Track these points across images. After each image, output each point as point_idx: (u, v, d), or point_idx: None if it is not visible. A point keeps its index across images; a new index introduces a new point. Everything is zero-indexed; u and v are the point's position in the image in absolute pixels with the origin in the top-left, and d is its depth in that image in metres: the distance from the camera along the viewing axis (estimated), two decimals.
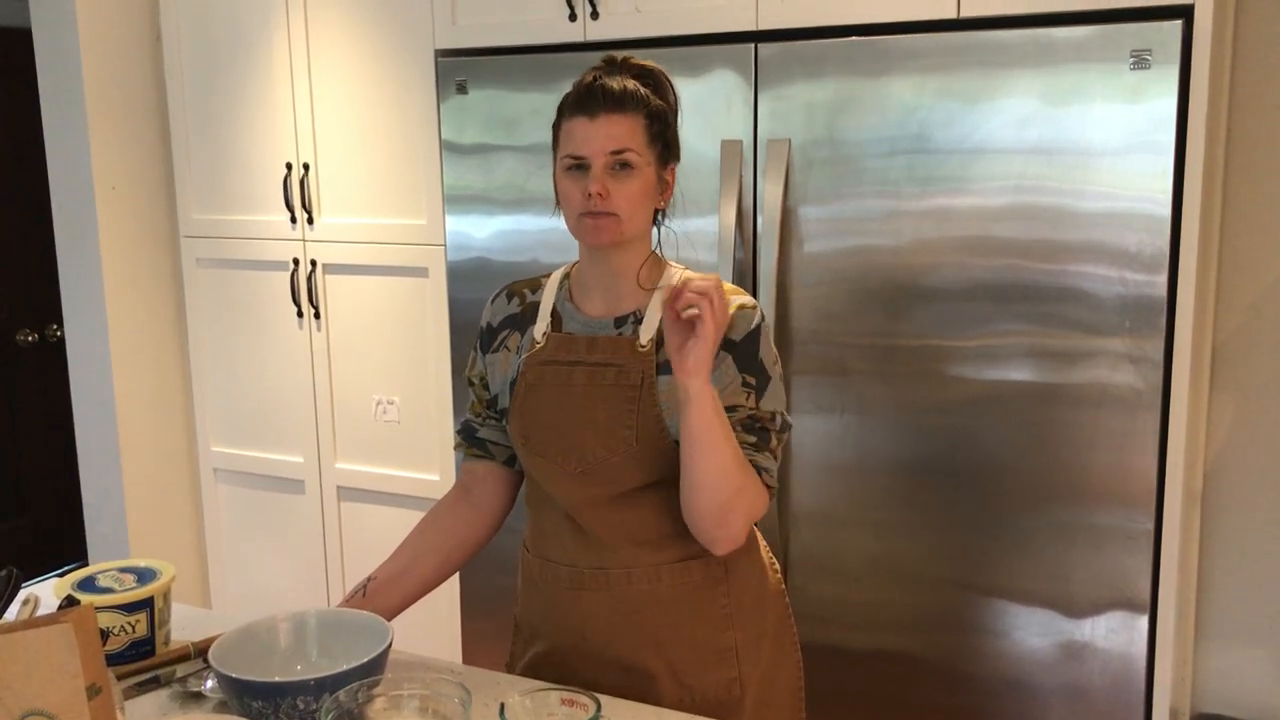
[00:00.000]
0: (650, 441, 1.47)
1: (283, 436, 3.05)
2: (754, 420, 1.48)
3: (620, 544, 1.52)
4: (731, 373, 1.48)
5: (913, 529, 2.34)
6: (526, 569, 1.64)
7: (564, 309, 1.58)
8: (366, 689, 1.34)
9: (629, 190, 1.46)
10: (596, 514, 1.52)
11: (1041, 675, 2.27)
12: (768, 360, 1.50)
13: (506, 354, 1.60)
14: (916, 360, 2.26)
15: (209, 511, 3.24)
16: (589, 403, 1.50)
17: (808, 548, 2.44)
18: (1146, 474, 2.14)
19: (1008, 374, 2.19)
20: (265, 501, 3.12)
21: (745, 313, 1.50)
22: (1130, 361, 2.10)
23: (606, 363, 1.50)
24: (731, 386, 1.48)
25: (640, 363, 1.48)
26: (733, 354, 1.48)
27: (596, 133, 1.45)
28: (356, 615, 1.47)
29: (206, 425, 3.19)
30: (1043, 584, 2.24)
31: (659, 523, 1.51)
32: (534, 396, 1.54)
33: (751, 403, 1.48)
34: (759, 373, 1.49)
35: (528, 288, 1.63)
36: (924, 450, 2.31)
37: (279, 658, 1.44)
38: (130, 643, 1.54)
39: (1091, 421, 2.15)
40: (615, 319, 1.53)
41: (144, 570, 1.60)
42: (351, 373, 2.91)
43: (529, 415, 1.54)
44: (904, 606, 2.38)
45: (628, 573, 1.52)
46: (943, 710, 2.37)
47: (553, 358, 1.54)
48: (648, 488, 1.50)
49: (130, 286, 3.11)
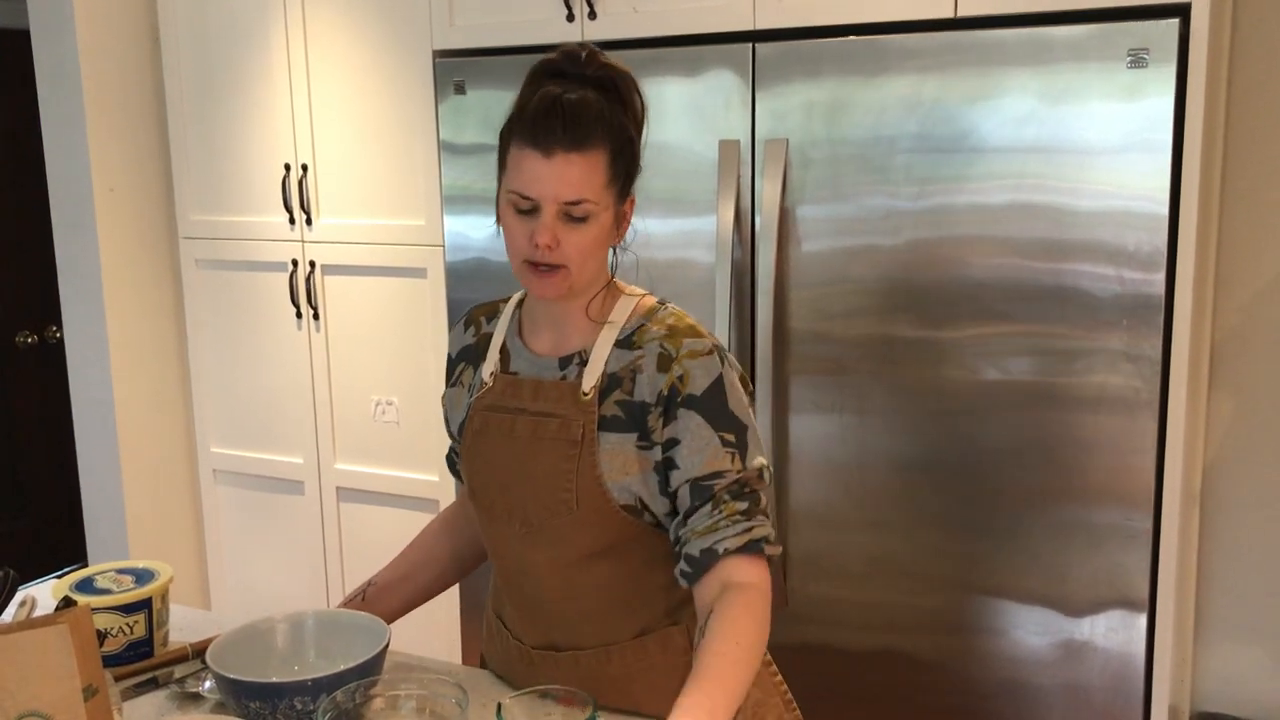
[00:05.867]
0: (591, 505, 1.34)
1: (282, 437, 3.05)
2: (741, 484, 1.32)
3: (569, 615, 1.40)
4: (704, 433, 1.31)
5: (911, 529, 2.34)
6: (487, 616, 1.56)
7: (513, 344, 1.44)
8: (364, 689, 1.34)
9: (581, 241, 1.29)
10: (543, 579, 1.40)
11: (1040, 674, 2.27)
12: (739, 409, 1.33)
13: (460, 390, 1.50)
14: (915, 360, 2.26)
15: (208, 512, 3.24)
16: (531, 458, 1.36)
17: (806, 548, 2.44)
18: (1145, 473, 2.13)
19: (1006, 373, 2.19)
20: (265, 502, 3.13)
21: (700, 361, 1.32)
22: (1128, 360, 2.09)
23: (549, 413, 1.36)
24: (709, 450, 1.30)
25: (582, 415, 1.34)
26: (699, 411, 1.31)
27: (550, 175, 1.26)
28: (355, 616, 1.47)
29: (206, 426, 3.19)
30: (1041, 583, 2.24)
31: (611, 594, 1.39)
32: (479, 446, 1.42)
33: (737, 464, 1.31)
34: (735, 426, 1.32)
35: (485, 314, 1.51)
36: (922, 450, 2.31)
37: (277, 658, 1.44)
38: (128, 644, 1.54)
39: (1090, 420, 2.15)
40: (560, 359, 1.39)
41: (142, 571, 1.61)
42: (350, 374, 2.91)
43: (474, 467, 1.43)
44: (903, 606, 2.37)
45: (574, 656, 1.41)
46: (942, 709, 2.37)
47: (498, 403, 1.41)
48: (597, 555, 1.37)
49: (129, 288, 3.11)
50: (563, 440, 1.35)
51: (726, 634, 1.23)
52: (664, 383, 1.32)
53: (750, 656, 1.22)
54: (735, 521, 1.30)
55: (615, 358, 1.36)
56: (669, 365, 1.33)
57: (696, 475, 1.31)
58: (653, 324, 1.37)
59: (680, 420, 1.32)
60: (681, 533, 1.32)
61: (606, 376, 1.36)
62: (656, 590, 1.41)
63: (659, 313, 1.39)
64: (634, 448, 1.33)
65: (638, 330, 1.37)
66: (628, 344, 1.36)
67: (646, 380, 1.33)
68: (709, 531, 1.30)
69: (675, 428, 1.32)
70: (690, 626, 1.40)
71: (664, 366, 1.33)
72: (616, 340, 1.37)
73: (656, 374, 1.33)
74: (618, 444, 1.33)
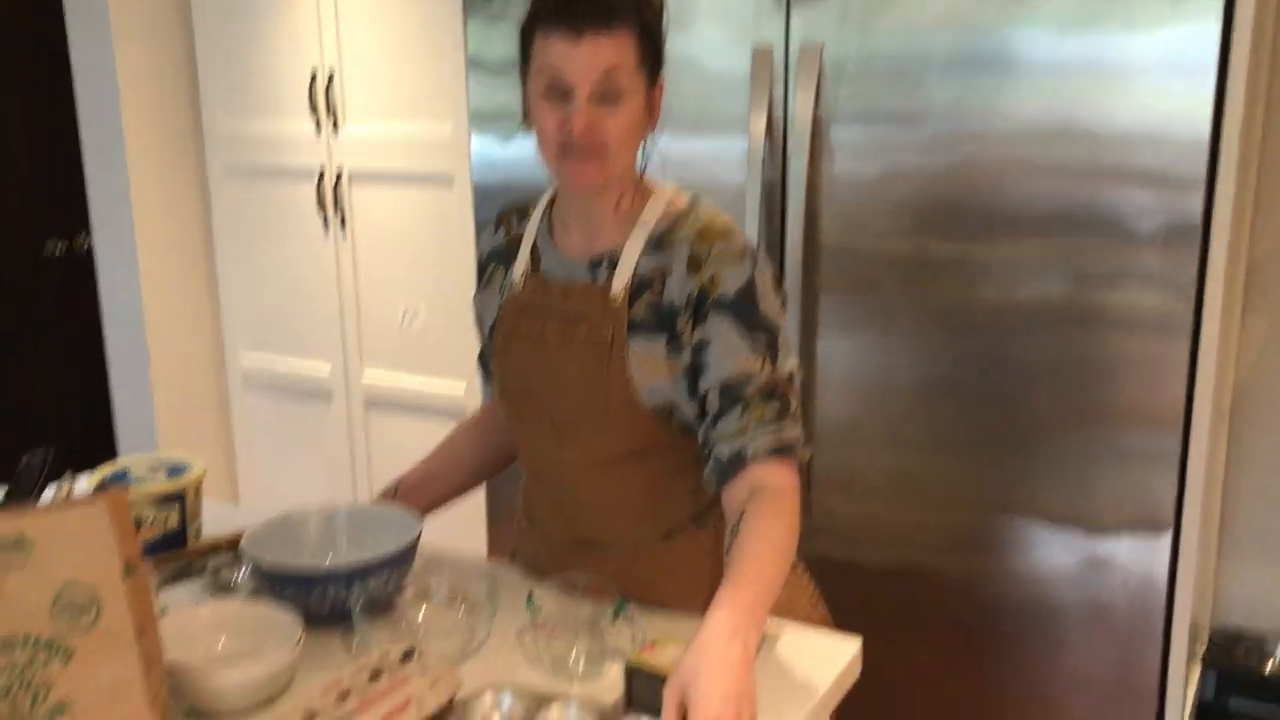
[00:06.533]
0: (620, 408, 1.34)
1: (310, 345, 3.07)
2: (772, 387, 1.30)
3: (597, 514, 1.42)
4: (735, 336, 1.29)
5: (937, 447, 2.34)
6: (518, 518, 1.58)
7: (543, 245, 1.43)
8: (396, 578, 1.36)
9: (617, 124, 1.28)
10: (572, 480, 1.42)
11: (1062, 592, 2.28)
12: (771, 312, 1.32)
13: (491, 292, 1.49)
14: (946, 278, 2.24)
15: (237, 421, 3.28)
16: (560, 361, 1.36)
17: (830, 465, 2.44)
18: (1175, 394, 2.12)
19: (1038, 293, 2.17)
20: (293, 411, 3.15)
21: (732, 263, 1.31)
22: (1163, 282, 2.07)
23: (579, 316, 1.35)
24: (740, 353, 1.29)
25: (611, 318, 1.33)
26: (729, 314, 1.30)
27: (582, 56, 1.24)
28: (386, 509, 1.49)
29: (234, 334, 3.21)
30: (1066, 503, 2.24)
31: (638, 496, 1.40)
32: (510, 348, 1.43)
33: (768, 368, 1.30)
34: (766, 329, 1.31)
35: (516, 214, 1.50)
36: (951, 369, 2.30)
37: (309, 549, 1.46)
38: (162, 535, 1.56)
39: (1121, 341, 2.13)
40: (590, 260, 1.38)
41: (175, 465, 1.62)
42: (378, 282, 2.92)
43: (505, 369, 1.44)
44: (925, 525, 2.39)
45: (602, 554, 1.43)
46: (961, 626, 2.39)
47: (528, 304, 1.41)
48: (625, 457, 1.38)
49: (157, 195, 3.11)
50: (592, 343, 1.34)
51: (759, 534, 1.23)
52: (694, 285, 1.31)
53: (782, 557, 1.23)
54: (765, 425, 1.29)
55: (645, 260, 1.35)
56: (699, 267, 1.31)
57: (726, 378, 1.30)
58: (684, 225, 1.35)
59: (710, 323, 1.30)
60: (710, 436, 1.31)
61: (636, 279, 1.34)
62: (684, 493, 1.42)
63: (691, 214, 1.37)
64: (663, 351, 1.33)
65: (668, 231, 1.35)
66: (658, 246, 1.35)
67: (676, 282, 1.32)
68: (738, 434, 1.29)
69: (705, 330, 1.31)
70: (718, 529, 1.40)
71: (694, 268, 1.32)
72: (646, 242, 1.35)
73: (687, 276, 1.32)
74: (647, 347, 1.33)
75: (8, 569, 0.98)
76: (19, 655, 0.98)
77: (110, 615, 1.00)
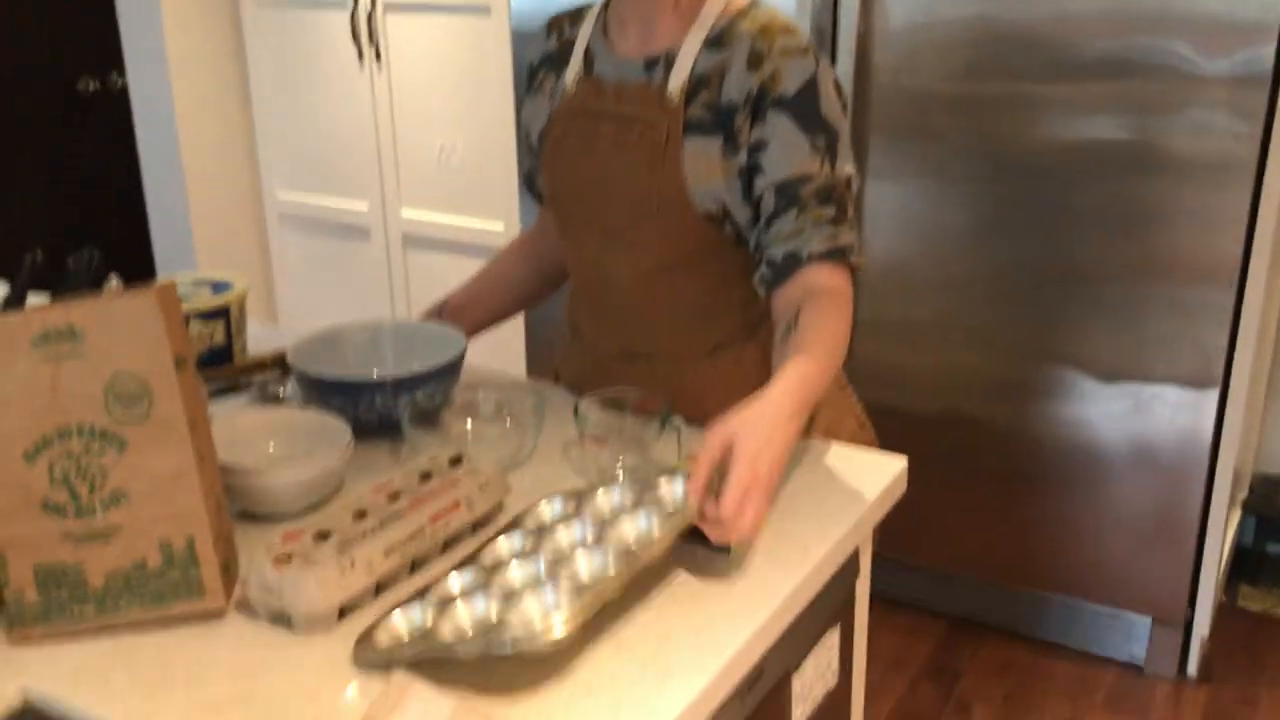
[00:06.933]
0: (673, 211, 1.31)
1: (347, 183, 3.04)
2: (829, 190, 1.27)
3: (645, 323, 1.40)
4: (795, 136, 1.25)
5: (987, 293, 2.30)
6: (562, 334, 1.57)
7: (597, 47, 1.39)
8: (443, 391, 1.36)
9: None
10: (620, 288, 1.39)
11: (1106, 439, 2.27)
12: (832, 113, 1.27)
13: (541, 98, 1.45)
14: (1001, 120, 2.17)
15: (276, 259, 3.28)
16: (612, 164, 1.33)
17: (877, 311, 2.41)
18: (1233, 247, 2.07)
19: (1097, 136, 2.10)
20: (331, 249, 3.14)
21: (794, 59, 1.26)
22: (1227, 130, 2.00)
23: (633, 117, 1.32)
24: (799, 153, 1.26)
25: (667, 118, 1.29)
26: (789, 112, 1.25)
27: None
28: (431, 326, 1.48)
29: (271, 172, 3.18)
30: (1115, 352, 2.21)
31: (687, 305, 1.37)
32: (561, 153, 1.39)
33: (826, 169, 1.26)
34: (827, 130, 1.26)
35: (568, 20, 1.45)
36: (1003, 213, 2.24)
37: (355, 362, 1.46)
38: (208, 350, 1.56)
39: (1180, 189, 2.07)
40: (646, 60, 1.33)
41: (218, 282, 1.62)
42: (414, 117, 2.87)
43: (555, 174, 1.41)
44: (973, 370, 2.36)
45: (650, 366, 1.41)
46: (1005, 472, 2.39)
47: (581, 107, 1.37)
48: (678, 263, 1.35)
49: (190, 30, 3.05)
50: (646, 144, 1.30)
51: (819, 325, 1.21)
52: (754, 81, 1.27)
53: (831, 359, 1.20)
54: (820, 227, 1.26)
55: (703, 58, 1.30)
56: (760, 63, 1.27)
57: (783, 178, 1.26)
58: (744, 21, 1.30)
59: (769, 122, 1.26)
60: (764, 238, 1.29)
61: (693, 78, 1.30)
62: (733, 305, 1.39)
63: (751, 11, 1.32)
64: (719, 151, 1.29)
65: (728, 28, 1.31)
66: (716, 43, 1.30)
67: (735, 79, 1.28)
68: (793, 236, 1.27)
69: (763, 129, 1.27)
70: (766, 345, 1.38)
71: (755, 64, 1.27)
72: (705, 39, 1.31)
73: (746, 72, 1.27)
74: (703, 147, 1.29)
75: (60, 358, 0.98)
76: (75, 444, 0.99)
77: (162, 407, 1.00)
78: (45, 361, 0.98)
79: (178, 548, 1.02)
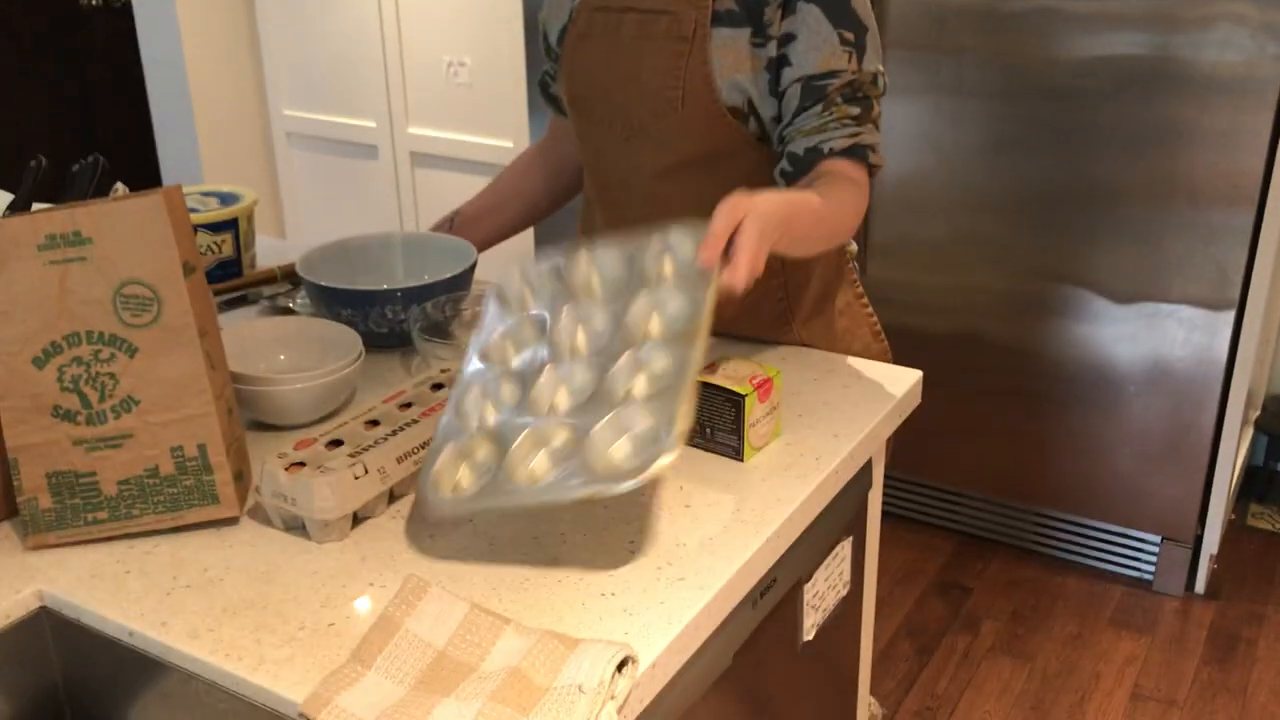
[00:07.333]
0: (697, 105, 1.29)
1: (354, 100, 3.00)
2: (855, 88, 1.26)
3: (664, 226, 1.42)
4: (824, 29, 1.25)
5: (1004, 211, 2.27)
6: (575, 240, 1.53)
7: None
8: (453, 303, 1.35)
9: None
10: (639, 189, 1.38)
11: (1121, 358, 2.25)
12: (861, 8, 1.27)
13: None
14: (1021, 32, 2.12)
15: (283, 176, 3.25)
16: (636, 58, 1.32)
17: (892, 229, 2.39)
18: (1254, 168, 2.03)
19: (1119, 50, 2.05)
20: (338, 166, 3.11)
21: None
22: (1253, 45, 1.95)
23: (660, 9, 1.30)
24: (827, 47, 1.25)
25: (694, 9, 1.28)
26: (820, 5, 1.25)
27: None
28: (441, 237, 1.47)
29: (278, 89, 3.14)
30: (1133, 272, 2.19)
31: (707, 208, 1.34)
32: (582, 49, 1.38)
33: (853, 65, 1.25)
34: (856, 26, 1.26)
35: None
36: (1021, 130, 2.20)
37: (365, 273, 1.44)
38: (217, 263, 1.55)
39: (1203, 108, 2.03)
40: None
41: (226, 195, 1.60)
42: (420, 32, 2.81)
43: (576, 71, 1.39)
44: (989, 289, 2.34)
45: None
46: (1020, 391, 2.38)
47: (604, 3, 1.35)
48: (699, 161, 1.33)
49: None
50: (672, 36, 1.29)
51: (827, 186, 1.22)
52: None
53: (835, 215, 1.21)
54: (844, 124, 1.26)
55: None
56: None
57: (810, 73, 1.25)
58: None
59: (799, 14, 1.25)
60: (787, 132, 1.28)
61: None
62: None
63: None
64: (747, 43, 1.27)
65: None
66: None
67: None
68: (816, 131, 1.26)
69: (793, 22, 1.25)
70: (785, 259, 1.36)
71: None
72: None
73: None
74: (730, 39, 1.27)
75: (67, 263, 0.97)
76: (84, 349, 0.98)
77: (171, 313, 0.99)
78: (51, 266, 0.97)
79: (190, 454, 1.01)
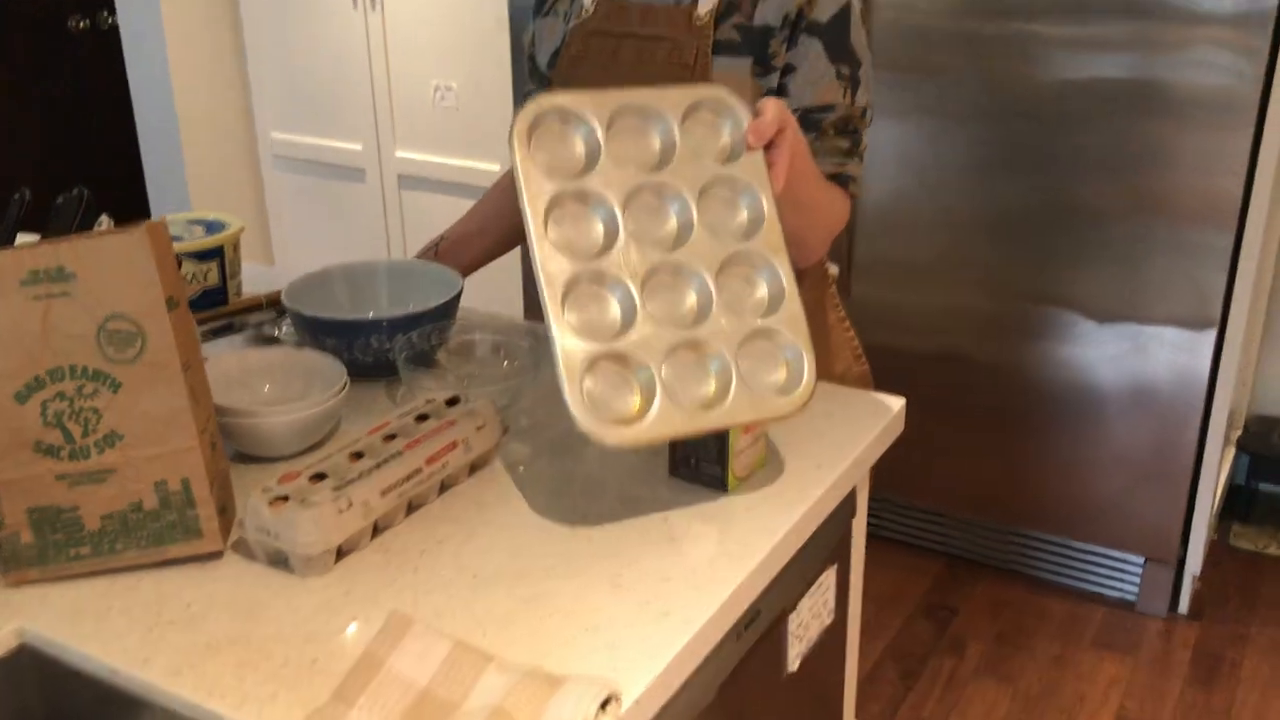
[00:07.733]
0: None
1: (342, 124, 3.01)
2: (846, 121, 1.31)
3: None
4: (822, 64, 1.29)
5: (985, 232, 2.29)
6: None
7: None
8: (439, 332, 1.35)
9: None
10: None
11: (1103, 378, 2.27)
12: (859, 44, 1.31)
13: (555, 19, 1.45)
14: (1003, 54, 2.14)
15: (271, 200, 3.25)
16: (634, 83, 1.30)
17: (876, 249, 2.40)
18: (1233, 189, 2.05)
19: (1099, 74, 2.07)
20: (326, 190, 3.12)
21: None
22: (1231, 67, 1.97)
23: (659, 36, 1.32)
24: (825, 80, 1.29)
25: (695, 38, 1.30)
26: (821, 40, 1.29)
27: None
28: (427, 265, 1.47)
29: (265, 113, 3.15)
30: (1114, 293, 2.20)
31: None
32: (576, 72, 1.38)
33: (848, 99, 1.30)
34: (853, 61, 1.30)
35: None
36: (1004, 152, 2.22)
37: (350, 303, 1.45)
38: (202, 291, 1.55)
39: (1182, 130, 2.05)
40: None
41: (212, 222, 1.60)
42: (407, 56, 2.83)
43: None
44: (972, 310, 2.36)
45: None
46: (1000, 410, 2.39)
47: (601, 28, 1.37)
48: None
49: None
50: (673, 64, 1.31)
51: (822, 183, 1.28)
52: (792, 4, 1.28)
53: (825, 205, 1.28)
54: (832, 155, 1.32)
55: None
56: None
57: (807, 105, 1.29)
58: None
59: (801, 47, 1.29)
60: None
61: (724, 2, 1.31)
62: None
63: None
64: (748, 73, 1.30)
65: None
66: None
67: (773, 2, 1.29)
68: None
69: (795, 54, 1.29)
70: None
71: None
72: None
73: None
74: (731, 68, 1.30)
75: (50, 298, 0.97)
76: (68, 385, 0.98)
77: (155, 348, 0.99)
78: (35, 301, 0.97)
79: (173, 489, 1.01)
